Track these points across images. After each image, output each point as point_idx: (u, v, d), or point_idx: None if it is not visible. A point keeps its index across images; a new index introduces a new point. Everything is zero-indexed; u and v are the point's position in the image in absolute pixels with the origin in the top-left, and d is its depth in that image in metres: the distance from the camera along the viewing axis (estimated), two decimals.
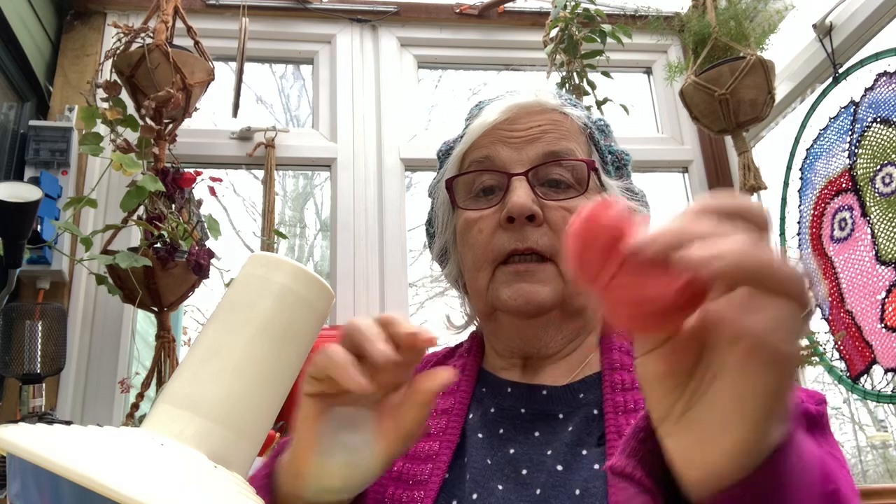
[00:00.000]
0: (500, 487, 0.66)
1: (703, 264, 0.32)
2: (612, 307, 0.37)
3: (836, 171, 1.96)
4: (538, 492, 0.65)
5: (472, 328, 0.86)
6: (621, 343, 0.74)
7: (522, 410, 0.73)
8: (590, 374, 0.74)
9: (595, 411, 0.69)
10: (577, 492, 0.63)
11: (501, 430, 0.72)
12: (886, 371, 1.75)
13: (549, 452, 0.68)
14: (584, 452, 0.66)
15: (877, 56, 1.87)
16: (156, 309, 1.74)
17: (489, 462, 0.69)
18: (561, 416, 0.71)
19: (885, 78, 1.83)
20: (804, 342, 1.66)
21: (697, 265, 0.32)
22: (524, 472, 0.67)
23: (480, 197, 0.76)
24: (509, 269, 0.73)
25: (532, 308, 0.72)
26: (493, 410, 0.74)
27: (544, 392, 0.73)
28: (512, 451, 0.70)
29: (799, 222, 2.09)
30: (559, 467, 0.66)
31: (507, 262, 0.73)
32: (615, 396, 0.68)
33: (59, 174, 1.89)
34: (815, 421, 0.63)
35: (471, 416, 0.74)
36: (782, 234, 2.14)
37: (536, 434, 0.70)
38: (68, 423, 0.47)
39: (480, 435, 0.71)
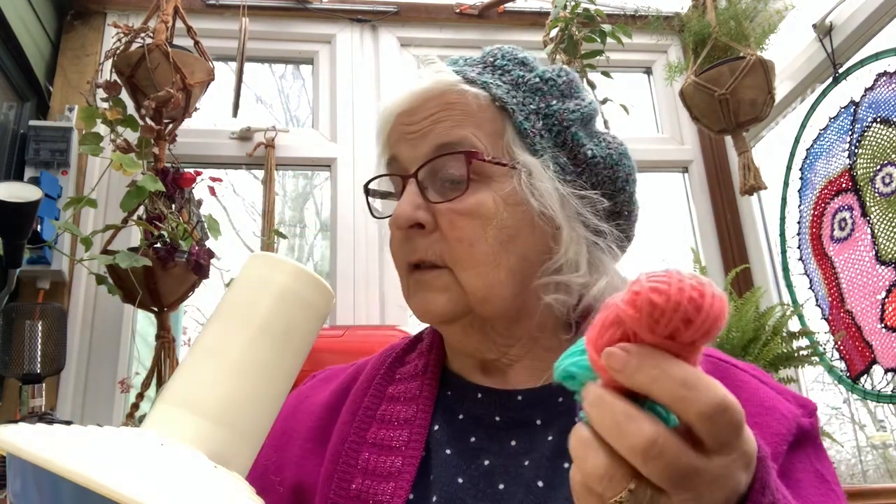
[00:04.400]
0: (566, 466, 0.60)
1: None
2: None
3: (836, 171, 1.96)
4: None
5: None
6: None
7: (497, 418, 0.66)
8: None
9: (576, 419, 0.66)
10: None
11: (473, 440, 0.66)
12: (886, 371, 1.75)
13: (527, 464, 0.62)
14: (566, 465, 0.60)
15: (877, 56, 1.87)
16: (156, 309, 1.74)
17: (461, 481, 0.63)
18: (539, 422, 0.65)
19: (885, 78, 1.83)
20: (805, 342, 1.66)
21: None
22: (501, 486, 0.62)
23: (394, 199, 0.69)
24: (412, 279, 0.67)
25: (430, 318, 0.66)
26: (461, 417, 0.68)
27: (519, 397, 0.66)
28: (486, 462, 0.64)
29: (799, 222, 2.09)
30: (540, 483, 0.60)
31: (413, 269, 0.67)
32: None
33: (59, 174, 1.89)
34: (807, 435, 0.60)
35: (436, 427, 0.67)
36: (782, 234, 2.14)
37: (513, 443, 0.64)
38: (68, 423, 0.47)
39: (449, 451, 0.65)
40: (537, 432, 0.64)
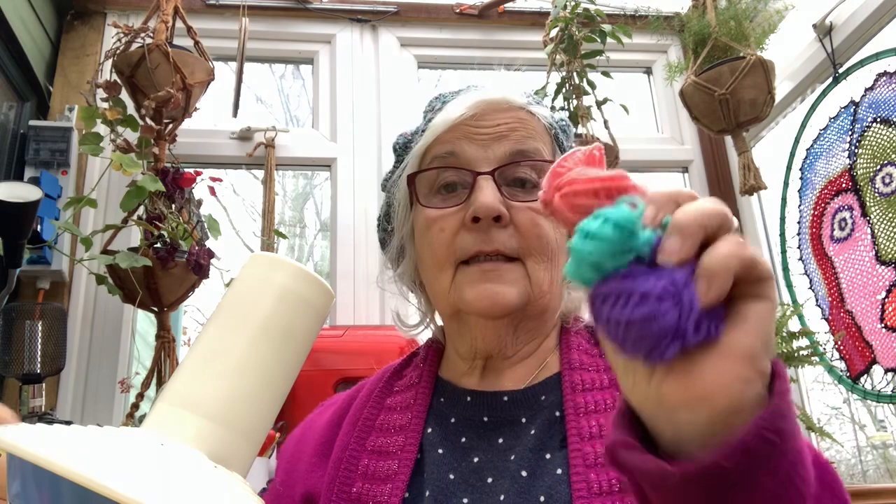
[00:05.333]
0: (466, 500, 0.66)
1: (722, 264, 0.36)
2: (560, 204, 0.42)
3: (836, 171, 1.96)
4: (502, 497, 0.64)
5: (430, 328, 0.84)
6: (580, 342, 0.73)
7: (485, 419, 0.71)
8: (549, 375, 0.72)
9: (557, 413, 0.68)
10: (542, 498, 0.62)
11: (464, 440, 0.71)
12: (886, 371, 1.75)
13: (512, 458, 0.67)
14: (548, 457, 0.65)
15: (877, 56, 1.87)
16: (156, 309, 1.74)
17: (452, 477, 0.68)
18: (524, 419, 0.70)
19: (885, 78, 1.83)
20: (805, 342, 1.66)
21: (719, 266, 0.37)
22: (489, 480, 0.67)
23: (442, 194, 0.74)
24: (473, 269, 0.70)
25: (499, 309, 0.70)
26: (453, 421, 0.73)
27: (505, 398, 0.72)
28: (476, 459, 0.69)
29: (799, 222, 2.09)
30: (524, 473, 0.65)
31: (470, 261, 0.70)
32: (576, 397, 0.67)
33: (59, 174, 1.89)
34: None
35: (429, 430, 0.72)
36: (782, 234, 2.14)
37: (500, 441, 0.69)
38: (68, 423, 0.47)
39: (441, 450, 0.70)
40: (522, 428, 0.69)
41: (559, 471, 0.64)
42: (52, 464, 0.34)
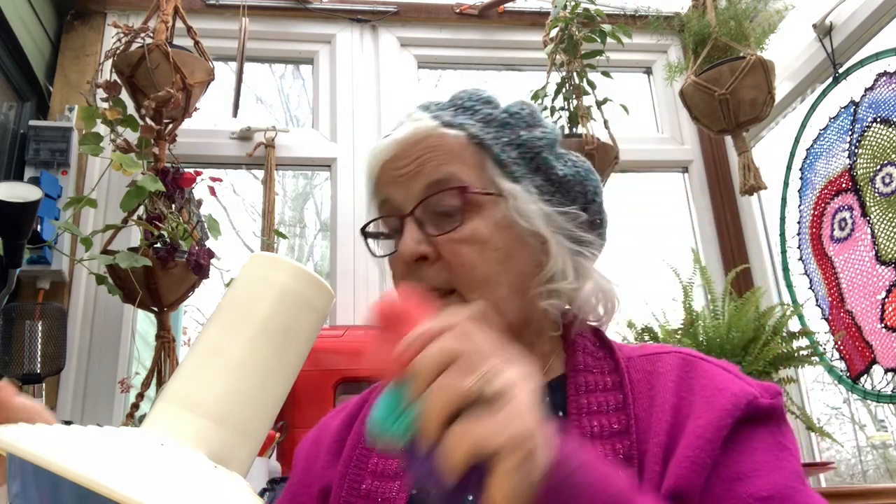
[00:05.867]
0: (471, 497, 0.67)
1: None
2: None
3: (836, 171, 1.96)
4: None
5: None
6: (584, 344, 0.74)
7: None
8: (553, 377, 0.74)
9: (560, 413, 0.69)
10: None
11: None
12: (886, 371, 1.75)
13: None
14: None
15: (877, 56, 1.87)
16: (156, 309, 1.74)
17: None
18: None
19: (885, 78, 1.83)
20: (805, 342, 1.66)
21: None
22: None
23: (391, 238, 0.77)
24: None
25: None
26: None
27: None
28: None
29: (799, 222, 2.09)
30: None
31: None
32: (580, 398, 0.68)
33: (59, 174, 1.89)
34: (766, 412, 0.64)
35: None
36: (782, 234, 2.15)
37: None
38: (68, 423, 0.47)
39: None
40: None
41: None
42: (52, 464, 0.34)
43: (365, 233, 0.79)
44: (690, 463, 0.60)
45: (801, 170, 2.09)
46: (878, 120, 1.83)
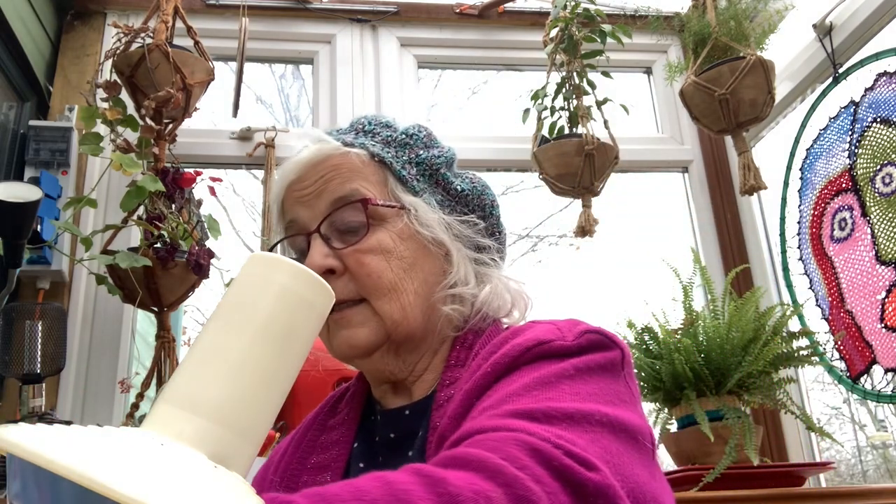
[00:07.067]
0: (410, 454, 0.70)
1: None
2: None
3: (836, 171, 1.96)
4: None
5: None
6: (457, 357, 0.75)
7: (392, 435, 0.76)
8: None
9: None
10: None
11: (380, 458, 0.76)
12: (886, 371, 1.75)
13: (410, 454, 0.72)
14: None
15: (877, 56, 1.87)
16: (156, 309, 1.74)
17: None
18: (420, 432, 0.73)
19: (885, 78, 1.83)
20: (805, 342, 1.66)
21: None
22: None
23: (301, 257, 0.78)
24: (329, 321, 0.74)
25: (357, 351, 0.74)
26: (377, 439, 0.77)
27: (407, 412, 0.76)
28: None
29: (799, 222, 2.09)
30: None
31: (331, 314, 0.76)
32: (443, 391, 0.71)
33: (59, 174, 1.89)
34: (560, 350, 0.64)
35: (356, 444, 0.78)
36: (782, 234, 2.15)
37: (410, 454, 0.73)
38: (68, 423, 0.47)
39: (362, 464, 0.76)
40: (420, 439, 0.73)
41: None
42: (52, 464, 0.34)
43: (273, 250, 0.81)
44: (454, 412, 0.62)
45: (801, 170, 2.09)
46: (878, 120, 1.83)
